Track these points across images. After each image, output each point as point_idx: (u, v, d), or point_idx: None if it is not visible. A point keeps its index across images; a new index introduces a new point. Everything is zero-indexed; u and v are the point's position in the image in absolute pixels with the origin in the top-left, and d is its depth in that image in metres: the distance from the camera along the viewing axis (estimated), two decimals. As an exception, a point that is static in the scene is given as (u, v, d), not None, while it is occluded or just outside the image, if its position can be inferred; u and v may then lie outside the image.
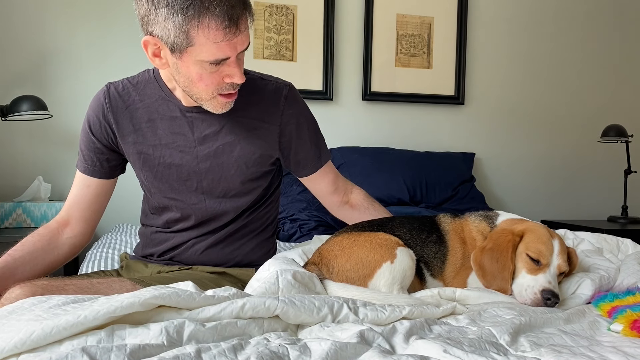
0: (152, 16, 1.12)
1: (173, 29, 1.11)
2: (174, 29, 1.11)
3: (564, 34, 3.41)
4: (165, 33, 1.12)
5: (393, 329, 0.94)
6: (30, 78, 2.66)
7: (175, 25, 1.10)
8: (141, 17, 1.16)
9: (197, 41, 1.12)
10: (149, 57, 1.20)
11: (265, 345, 0.83)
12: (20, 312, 0.88)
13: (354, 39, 3.10)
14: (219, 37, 1.11)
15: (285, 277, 1.11)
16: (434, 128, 3.23)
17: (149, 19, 1.13)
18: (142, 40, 1.17)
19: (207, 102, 1.24)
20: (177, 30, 1.11)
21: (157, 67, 1.24)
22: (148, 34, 1.16)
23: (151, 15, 1.12)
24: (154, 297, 0.87)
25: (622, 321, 0.99)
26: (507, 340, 0.91)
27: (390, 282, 1.19)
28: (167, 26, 1.11)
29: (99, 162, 1.38)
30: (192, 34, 1.11)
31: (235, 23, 1.12)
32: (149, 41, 1.16)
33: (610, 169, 3.49)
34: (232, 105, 1.27)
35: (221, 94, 1.23)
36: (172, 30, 1.11)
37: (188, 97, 1.29)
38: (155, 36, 1.15)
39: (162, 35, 1.13)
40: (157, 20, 1.12)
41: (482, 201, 2.91)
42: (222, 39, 1.12)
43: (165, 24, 1.11)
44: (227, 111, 1.32)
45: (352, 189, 1.55)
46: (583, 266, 1.37)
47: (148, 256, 1.44)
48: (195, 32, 1.11)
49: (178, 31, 1.11)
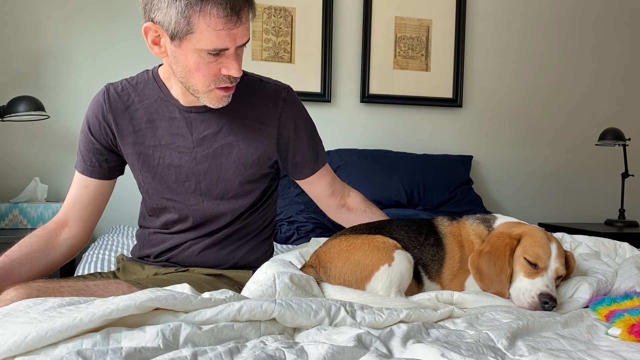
0: (155, 2, 1.14)
1: (174, 15, 1.12)
2: (175, 14, 1.12)
3: (562, 37, 3.42)
4: (166, 19, 1.13)
5: (390, 332, 0.94)
6: (28, 79, 2.65)
7: (177, 11, 1.11)
8: (144, 4, 1.17)
9: (197, 28, 1.12)
10: (148, 44, 1.20)
11: (262, 348, 0.83)
12: (15, 314, 0.87)
13: (352, 41, 3.10)
14: (220, 25, 1.12)
15: (282, 280, 1.11)
16: (431, 131, 3.23)
17: (151, 5, 1.15)
18: (143, 26, 1.18)
19: (204, 94, 1.24)
20: (178, 16, 1.12)
21: (156, 56, 1.24)
22: (149, 21, 1.17)
23: (154, 1, 1.14)
24: (150, 299, 0.87)
25: (620, 325, 0.99)
26: (505, 344, 0.91)
27: (388, 285, 1.18)
28: (169, 12, 1.12)
29: (97, 163, 1.37)
30: (193, 20, 1.12)
31: (237, 13, 1.13)
32: (149, 27, 1.17)
33: (608, 172, 3.49)
34: (229, 100, 1.27)
35: (218, 87, 1.23)
36: (173, 16, 1.12)
37: (186, 94, 1.30)
38: (157, 23, 1.16)
39: (163, 22, 1.14)
40: (159, 6, 1.13)
41: (480, 204, 2.91)
42: (222, 27, 1.12)
43: (167, 10, 1.12)
44: (226, 112, 1.32)
45: (349, 192, 1.55)
46: (581, 270, 1.37)
47: (145, 257, 1.43)
48: (197, 18, 1.12)
49: (179, 17, 1.12)
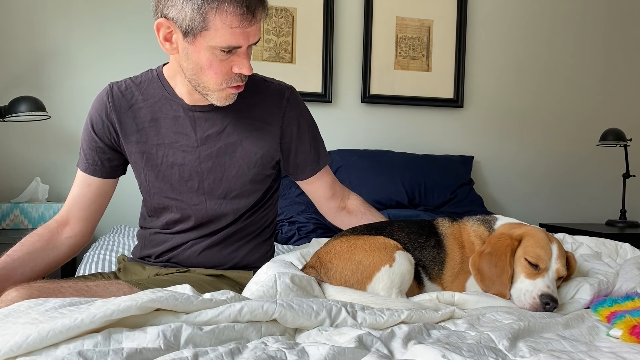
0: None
1: (190, 12, 1.13)
2: (191, 11, 1.13)
3: (563, 37, 3.41)
4: (181, 16, 1.14)
5: (391, 333, 0.94)
6: (29, 79, 2.66)
7: (193, 7, 1.12)
8: (157, 0, 1.17)
9: (212, 25, 1.13)
10: (159, 40, 1.21)
11: (263, 349, 0.83)
12: (16, 315, 0.88)
13: (353, 41, 3.10)
14: (235, 23, 1.13)
15: (283, 281, 1.11)
16: (432, 131, 3.23)
17: (165, 1, 1.15)
18: (155, 22, 1.19)
19: (214, 92, 1.24)
20: (194, 12, 1.13)
21: (166, 52, 1.25)
22: (162, 17, 1.17)
23: None
24: (152, 300, 0.87)
25: (621, 327, 0.99)
26: (506, 346, 0.91)
27: (389, 286, 1.18)
28: (184, 8, 1.13)
29: (100, 161, 1.38)
30: (209, 17, 1.13)
31: (252, 12, 1.15)
32: (162, 23, 1.18)
33: (609, 173, 3.49)
34: (235, 98, 1.28)
35: (230, 86, 1.24)
36: (188, 13, 1.13)
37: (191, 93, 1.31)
38: (170, 19, 1.16)
39: (177, 18, 1.15)
40: (174, 2, 1.14)
41: (481, 204, 2.91)
42: (238, 25, 1.14)
43: (182, 7, 1.13)
44: (230, 111, 1.33)
45: (349, 194, 1.55)
46: (582, 271, 1.37)
47: (146, 257, 1.43)
48: (213, 15, 1.13)
49: (195, 14, 1.13)
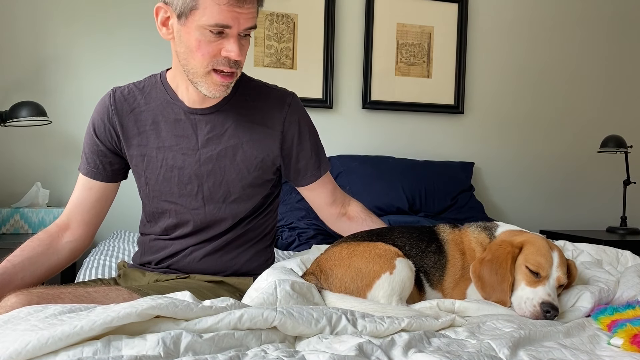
0: None
1: None
2: None
3: (564, 44, 3.42)
4: None
5: (392, 341, 0.94)
6: (30, 84, 2.66)
7: None
8: None
9: (202, 3, 1.17)
10: (157, 25, 1.26)
11: (263, 357, 0.82)
12: (16, 321, 0.87)
13: (354, 48, 3.10)
14: (223, 0, 1.16)
15: (283, 288, 1.10)
16: (433, 137, 3.24)
17: None
18: (155, 6, 1.24)
19: (202, 78, 1.25)
20: None
21: (163, 37, 1.28)
22: (161, 1, 1.23)
23: None
24: (151, 307, 0.86)
25: (622, 335, 0.99)
26: (507, 354, 0.90)
27: (389, 293, 1.18)
28: None
29: (102, 165, 1.38)
30: None
31: None
32: (160, 7, 1.24)
33: (610, 180, 3.49)
34: (227, 91, 1.28)
35: (215, 70, 1.24)
36: None
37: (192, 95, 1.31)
38: (167, 3, 1.22)
39: (173, 1, 1.20)
40: None
41: (481, 211, 2.90)
42: (226, 1, 1.16)
43: None
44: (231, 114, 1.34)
45: (350, 201, 1.55)
46: (582, 278, 1.36)
47: (146, 264, 1.43)
48: None
49: None
